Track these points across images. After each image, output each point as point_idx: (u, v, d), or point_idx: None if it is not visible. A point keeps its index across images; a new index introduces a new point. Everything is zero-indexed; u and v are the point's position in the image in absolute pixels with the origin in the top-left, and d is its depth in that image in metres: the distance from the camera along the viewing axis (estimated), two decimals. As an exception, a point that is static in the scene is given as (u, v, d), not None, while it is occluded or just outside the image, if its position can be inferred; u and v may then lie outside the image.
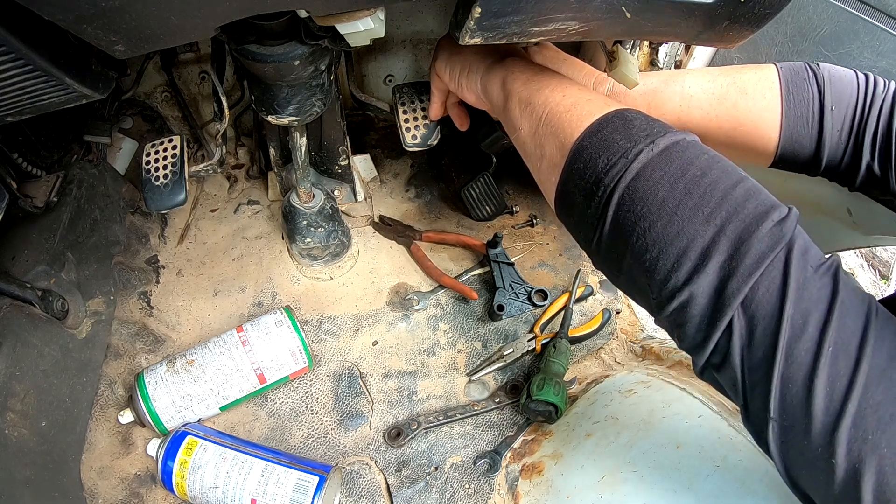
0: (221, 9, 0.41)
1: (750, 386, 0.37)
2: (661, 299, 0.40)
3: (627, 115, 0.46)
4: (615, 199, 0.42)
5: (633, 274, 0.43)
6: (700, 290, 0.37)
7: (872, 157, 0.55)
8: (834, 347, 0.34)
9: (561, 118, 0.49)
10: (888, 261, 1.84)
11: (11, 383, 0.63)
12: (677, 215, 0.39)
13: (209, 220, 1.00)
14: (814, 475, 0.35)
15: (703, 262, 0.37)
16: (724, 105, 0.60)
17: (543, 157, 0.51)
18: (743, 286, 0.36)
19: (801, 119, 0.58)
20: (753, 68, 0.61)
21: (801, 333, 0.34)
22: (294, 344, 0.77)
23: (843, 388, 0.33)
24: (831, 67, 0.58)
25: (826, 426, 0.33)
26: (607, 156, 0.43)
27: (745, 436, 0.57)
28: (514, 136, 0.57)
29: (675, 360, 0.78)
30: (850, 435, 0.32)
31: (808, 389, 0.34)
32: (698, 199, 0.39)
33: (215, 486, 0.67)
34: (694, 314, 0.38)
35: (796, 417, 0.34)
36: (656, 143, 0.42)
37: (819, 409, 0.33)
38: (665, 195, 0.40)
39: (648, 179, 0.41)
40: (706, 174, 0.40)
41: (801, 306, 0.35)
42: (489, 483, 0.74)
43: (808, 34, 0.75)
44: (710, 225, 0.38)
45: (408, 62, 1.06)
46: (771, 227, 0.37)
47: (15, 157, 0.69)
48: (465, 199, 0.96)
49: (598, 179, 0.43)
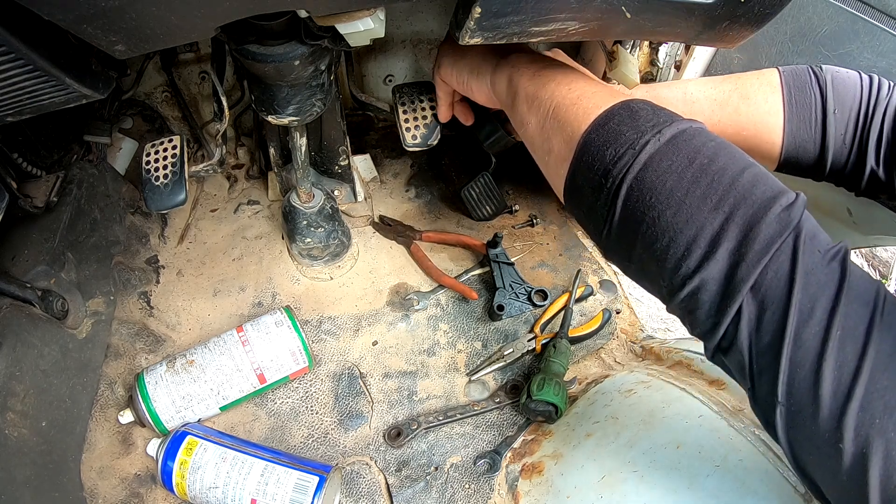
0: (221, 9, 0.41)
1: (758, 371, 0.37)
2: (673, 287, 0.40)
3: (633, 105, 0.46)
4: (624, 191, 0.42)
5: (644, 263, 0.43)
6: (710, 276, 0.38)
7: (877, 162, 0.55)
8: (842, 332, 0.34)
9: (567, 111, 0.50)
10: (888, 261, 1.84)
11: (11, 383, 0.63)
12: (686, 203, 0.39)
13: (209, 220, 1.00)
14: (821, 460, 0.35)
15: (713, 248, 0.38)
16: (727, 110, 0.60)
17: (551, 152, 0.51)
18: (752, 272, 0.36)
19: (804, 123, 0.57)
20: (756, 74, 0.61)
21: (809, 318, 0.35)
22: (294, 344, 0.77)
23: (851, 372, 0.33)
24: (835, 70, 0.58)
25: (833, 411, 0.33)
26: (615, 147, 0.43)
27: (745, 436, 0.57)
28: (522, 131, 0.57)
29: (675, 360, 0.78)
30: (858, 419, 0.33)
31: (815, 374, 0.34)
32: (706, 186, 0.39)
33: (215, 486, 0.67)
34: (705, 300, 0.39)
35: (804, 402, 0.35)
36: (663, 132, 0.42)
37: (827, 393, 0.33)
38: (673, 184, 0.40)
39: (656, 169, 0.41)
40: (713, 161, 0.40)
41: (810, 291, 0.35)
42: (489, 483, 0.74)
43: (808, 34, 0.75)
44: (718, 212, 0.38)
45: (408, 62, 1.06)
46: (779, 212, 0.37)
47: (15, 157, 0.69)
48: (465, 199, 0.96)
49: (606, 171, 0.43)
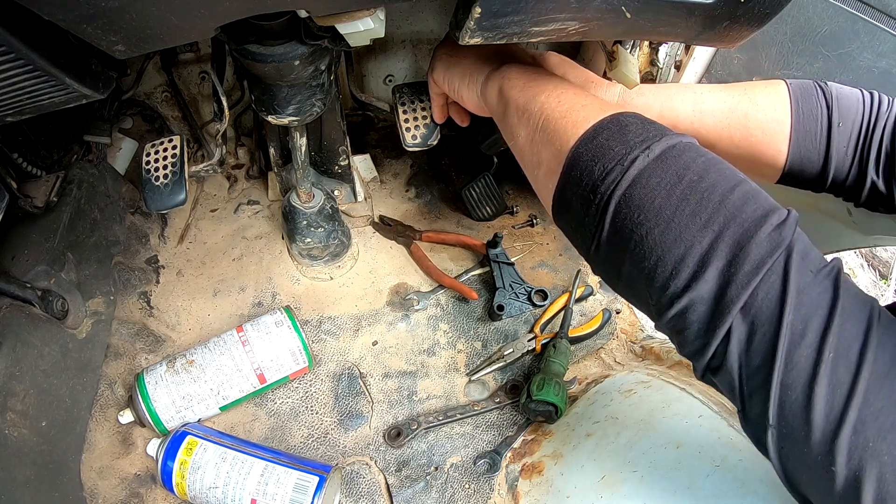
0: (221, 9, 0.41)
1: (748, 392, 0.37)
2: (661, 306, 0.40)
3: (622, 119, 0.45)
4: (612, 207, 0.41)
5: (632, 280, 0.42)
6: (699, 296, 0.37)
7: (877, 174, 0.55)
8: (834, 354, 0.33)
9: (557, 125, 0.49)
10: (888, 261, 1.84)
11: (11, 383, 0.63)
12: (675, 222, 0.38)
13: (209, 220, 1.00)
14: (814, 481, 0.34)
15: (702, 268, 0.37)
16: (736, 114, 0.60)
17: (540, 165, 0.50)
18: (742, 292, 0.35)
19: (810, 133, 0.58)
20: (765, 83, 0.61)
21: (800, 339, 0.34)
22: (294, 344, 0.77)
23: (844, 395, 0.32)
24: (838, 86, 0.59)
25: (826, 434, 0.33)
26: (603, 163, 0.43)
27: (744, 436, 0.57)
28: (512, 143, 0.56)
29: (675, 360, 0.78)
30: (851, 442, 0.32)
31: (807, 397, 0.33)
32: (695, 204, 0.38)
33: (215, 486, 0.67)
34: (693, 321, 0.38)
35: (796, 425, 0.34)
36: (652, 148, 0.41)
37: (819, 416, 0.33)
38: (662, 202, 0.39)
39: (645, 186, 0.40)
40: (703, 179, 0.39)
41: (801, 312, 0.34)
42: (489, 483, 0.74)
43: (808, 34, 0.75)
44: (707, 231, 0.37)
45: (408, 62, 1.06)
46: (770, 231, 0.36)
47: (15, 157, 0.69)
48: (465, 199, 0.96)
49: (594, 187, 0.43)
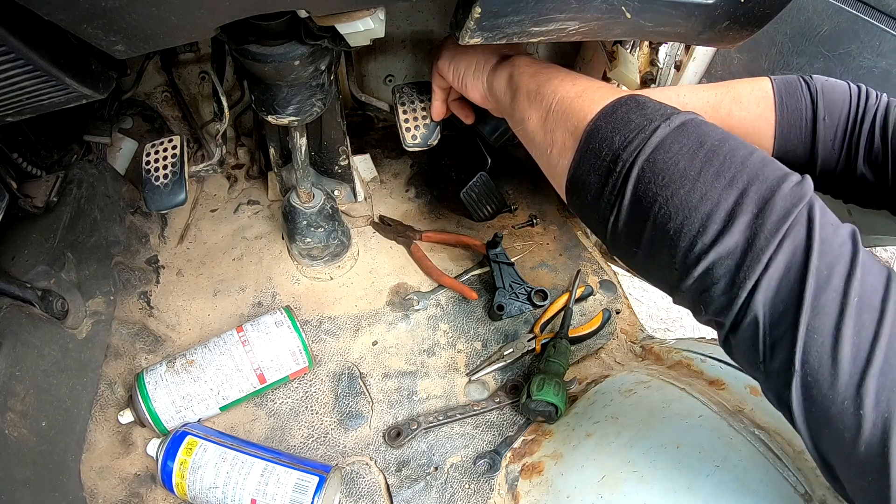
0: (221, 9, 0.41)
1: (772, 342, 0.37)
2: (687, 266, 0.40)
3: (639, 98, 0.47)
4: (635, 173, 0.43)
5: (654, 247, 0.43)
6: (726, 250, 0.38)
7: (866, 167, 0.56)
8: (859, 299, 0.34)
9: (572, 104, 0.50)
10: (888, 261, 1.84)
11: (11, 383, 0.63)
12: (700, 181, 0.40)
13: (209, 220, 1.00)
14: (838, 432, 0.35)
15: (730, 222, 0.38)
16: (719, 113, 0.61)
17: (553, 144, 0.51)
18: (771, 241, 0.37)
19: (795, 128, 0.58)
20: (748, 80, 0.62)
21: (826, 285, 0.35)
22: (294, 344, 0.77)
23: (870, 338, 0.33)
24: (824, 79, 0.59)
25: (853, 376, 0.33)
26: (624, 133, 0.44)
27: (745, 436, 0.57)
28: (521, 128, 0.57)
29: (674, 360, 0.78)
30: (879, 384, 0.33)
31: (834, 339, 0.34)
32: (719, 165, 0.40)
33: (215, 486, 0.67)
34: (720, 275, 0.39)
35: (822, 369, 0.35)
36: (672, 119, 0.43)
37: (846, 359, 0.34)
38: (686, 164, 0.41)
39: (668, 151, 0.42)
40: (723, 144, 0.41)
41: (826, 259, 0.36)
42: (489, 483, 0.74)
43: (808, 34, 0.75)
44: (733, 188, 0.39)
45: (408, 62, 1.06)
46: (792, 186, 0.38)
47: (15, 157, 0.69)
48: (465, 201, 0.96)
49: (615, 156, 0.44)
